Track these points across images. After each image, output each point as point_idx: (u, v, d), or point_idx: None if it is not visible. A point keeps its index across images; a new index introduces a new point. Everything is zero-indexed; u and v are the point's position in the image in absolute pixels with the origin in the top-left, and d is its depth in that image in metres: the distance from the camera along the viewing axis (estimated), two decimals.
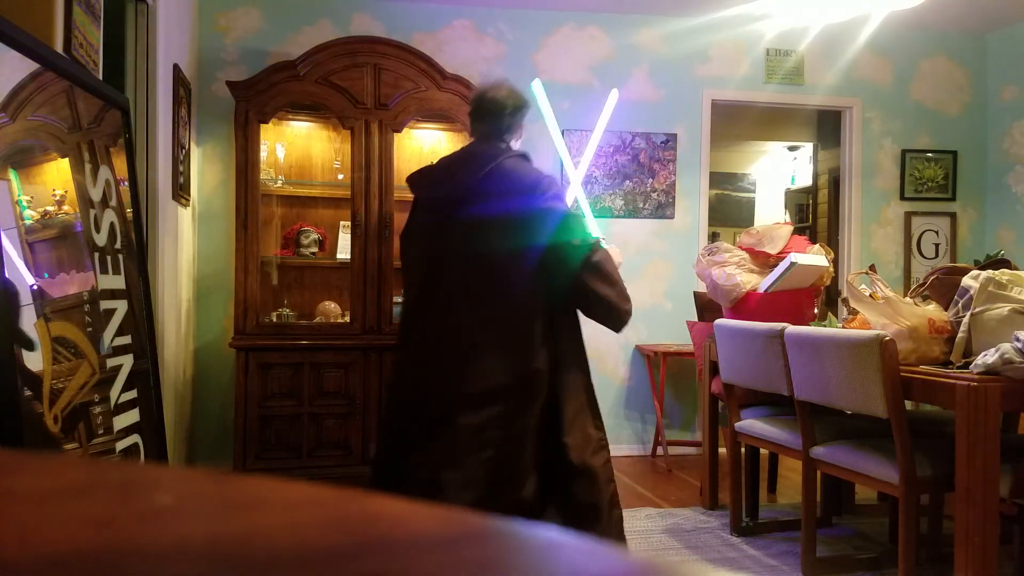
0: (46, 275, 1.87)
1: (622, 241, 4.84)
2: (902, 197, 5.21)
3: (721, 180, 7.67)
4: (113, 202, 2.29)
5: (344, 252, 4.26)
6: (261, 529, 0.30)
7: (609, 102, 3.10)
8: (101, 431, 2.05)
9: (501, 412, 2.21)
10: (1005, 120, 5.16)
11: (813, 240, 5.12)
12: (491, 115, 2.45)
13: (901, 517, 2.45)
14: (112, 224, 2.26)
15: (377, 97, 4.09)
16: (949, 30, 5.14)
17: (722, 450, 3.88)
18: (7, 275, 1.64)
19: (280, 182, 4.24)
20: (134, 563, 0.26)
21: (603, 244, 2.36)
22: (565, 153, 3.35)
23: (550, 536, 0.30)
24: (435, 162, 2.64)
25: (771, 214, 7.81)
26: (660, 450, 4.67)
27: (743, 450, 3.37)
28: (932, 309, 2.61)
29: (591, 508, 2.26)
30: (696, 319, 4.20)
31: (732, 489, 3.29)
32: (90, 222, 2.12)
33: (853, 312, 2.89)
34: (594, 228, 2.48)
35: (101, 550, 0.27)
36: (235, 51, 4.43)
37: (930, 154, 5.21)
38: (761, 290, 3.27)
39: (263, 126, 4.04)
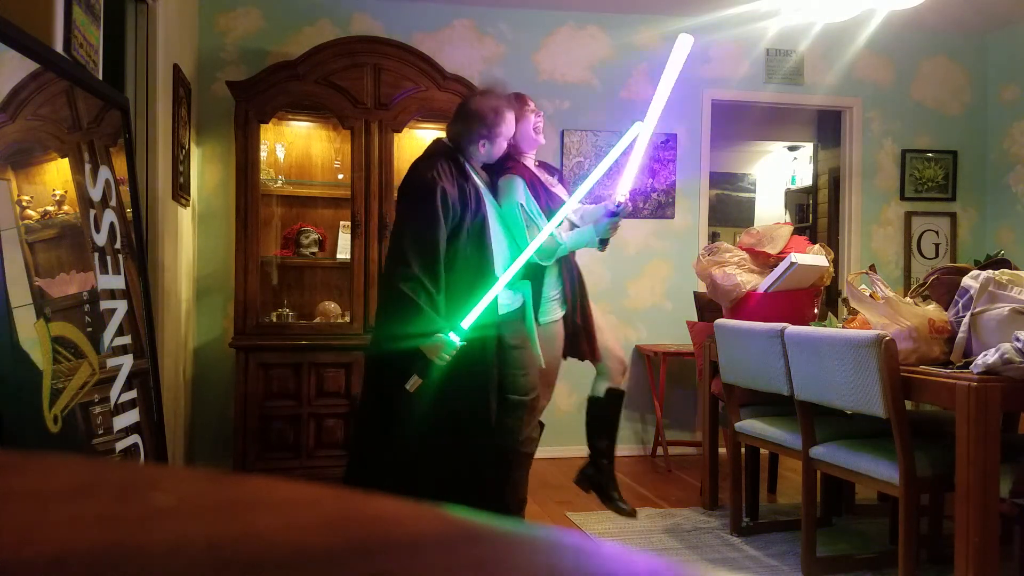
0: (46, 275, 1.87)
1: (622, 241, 4.84)
2: (902, 197, 5.21)
3: (721, 180, 7.67)
4: (113, 202, 2.29)
5: (344, 252, 4.26)
6: (261, 529, 0.30)
7: (681, 49, 2.90)
8: (101, 431, 2.05)
9: None
10: (1005, 120, 5.16)
11: (813, 240, 5.12)
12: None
13: (901, 517, 2.45)
14: (112, 224, 2.26)
15: (377, 97, 4.09)
16: (949, 30, 5.14)
17: (722, 450, 3.88)
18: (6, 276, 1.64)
19: (280, 182, 4.24)
20: (134, 563, 0.26)
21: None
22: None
23: (550, 536, 0.30)
24: None
25: (771, 214, 7.80)
26: (660, 450, 4.67)
27: (743, 450, 3.37)
28: (932, 309, 2.61)
29: None
30: (696, 319, 4.20)
31: (732, 489, 3.29)
32: (90, 222, 2.12)
33: (853, 312, 2.89)
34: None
35: (101, 550, 0.27)
36: (235, 51, 4.43)
37: (930, 154, 5.21)
38: (761, 290, 3.27)
39: (263, 126, 4.04)
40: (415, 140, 4.52)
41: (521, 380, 2.79)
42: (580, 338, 2.96)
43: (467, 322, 2.55)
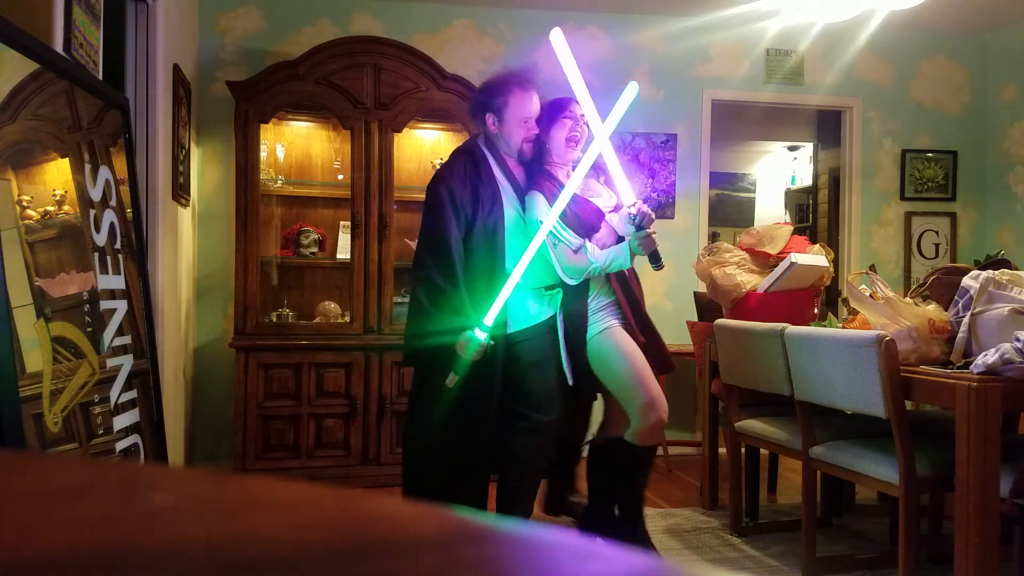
0: (46, 275, 1.87)
1: None
2: (902, 197, 5.21)
3: (721, 180, 7.67)
4: (113, 202, 2.29)
5: (344, 252, 4.26)
6: (261, 529, 0.30)
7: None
8: (101, 431, 2.05)
9: None
10: (1005, 120, 5.16)
11: (813, 240, 5.12)
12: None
13: (901, 517, 2.45)
14: (112, 224, 2.26)
15: (377, 97, 4.09)
16: (949, 30, 5.14)
17: (722, 450, 3.88)
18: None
19: (280, 182, 4.25)
20: (134, 563, 0.26)
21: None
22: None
23: (549, 536, 0.30)
24: None
25: (771, 214, 7.80)
26: (660, 450, 4.67)
27: (743, 450, 3.37)
28: (932, 309, 2.61)
29: None
30: (696, 319, 4.20)
31: (732, 489, 3.29)
32: (90, 222, 2.12)
33: (853, 312, 2.89)
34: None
35: (101, 550, 0.27)
36: (235, 51, 4.43)
37: (930, 154, 5.21)
38: (761, 290, 3.27)
39: (263, 126, 4.04)
40: (415, 140, 4.52)
41: (535, 399, 2.63)
42: (648, 355, 2.69)
43: (489, 318, 2.49)
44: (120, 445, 2.16)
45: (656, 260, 2.61)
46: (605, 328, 2.70)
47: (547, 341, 2.70)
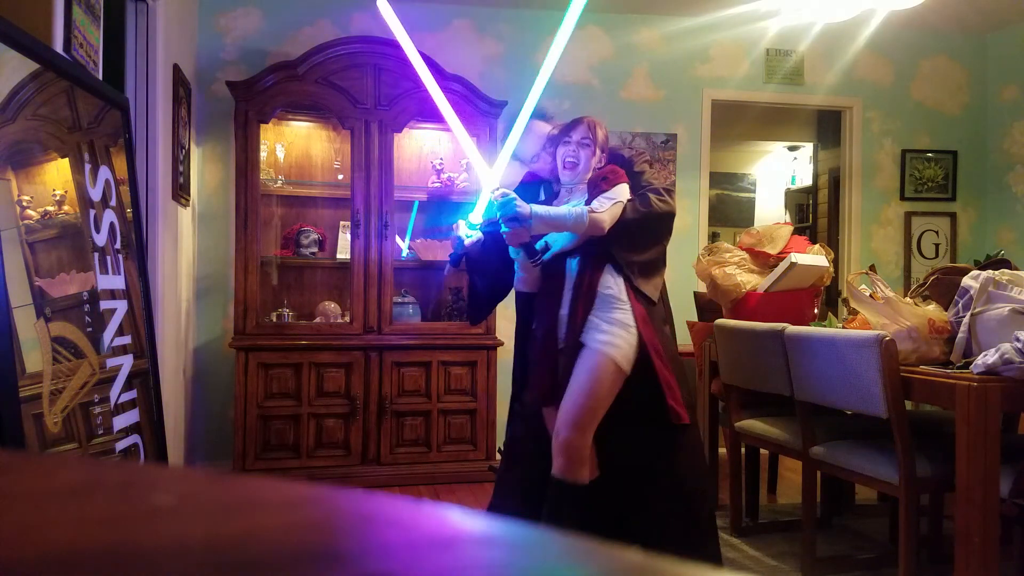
0: (46, 275, 1.87)
1: None
2: (902, 197, 5.21)
3: (721, 180, 7.67)
4: (113, 202, 2.29)
5: (344, 252, 4.26)
6: (260, 529, 0.30)
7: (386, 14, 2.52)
8: (101, 431, 2.05)
9: None
10: (1005, 120, 5.16)
11: (813, 240, 5.12)
12: None
13: (901, 517, 2.45)
14: (112, 224, 2.26)
15: (377, 97, 4.09)
16: (949, 30, 5.14)
17: (722, 450, 3.88)
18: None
19: (280, 182, 4.25)
20: (134, 563, 0.26)
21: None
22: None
23: (548, 537, 0.30)
24: None
25: (771, 214, 7.80)
26: None
27: (743, 450, 3.37)
28: (932, 309, 2.61)
29: None
30: (696, 319, 4.20)
31: (732, 489, 3.29)
32: (90, 222, 2.12)
33: (853, 312, 2.89)
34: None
35: (101, 550, 0.27)
36: (235, 51, 4.43)
37: (930, 154, 5.21)
38: (761, 290, 3.27)
39: (263, 126, 4.04)
40: (415, 140, 4.52)
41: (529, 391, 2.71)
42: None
43: (475, 217, 2.61)
44: (120, 445, 2.16)
45: (532, 255, 2.35)
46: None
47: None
